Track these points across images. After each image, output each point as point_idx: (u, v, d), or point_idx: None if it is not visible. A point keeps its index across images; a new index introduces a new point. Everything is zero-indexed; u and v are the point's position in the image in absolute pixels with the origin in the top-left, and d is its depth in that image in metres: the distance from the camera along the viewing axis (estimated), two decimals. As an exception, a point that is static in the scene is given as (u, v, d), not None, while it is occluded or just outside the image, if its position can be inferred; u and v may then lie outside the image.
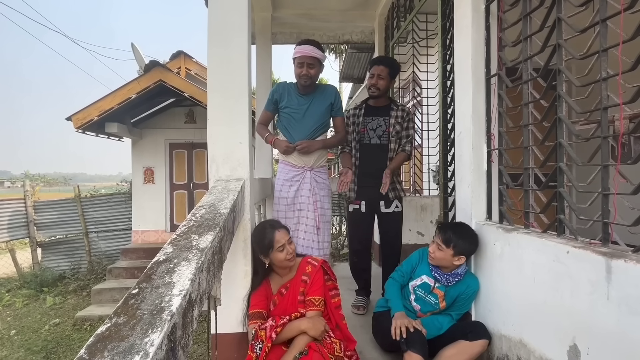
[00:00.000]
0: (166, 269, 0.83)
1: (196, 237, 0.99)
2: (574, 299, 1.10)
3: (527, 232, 1.37)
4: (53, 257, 6.70)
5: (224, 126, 1.57)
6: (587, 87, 1.20)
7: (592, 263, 1.03)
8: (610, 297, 0.97)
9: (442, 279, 1.60)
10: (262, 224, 1.61)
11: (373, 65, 2.33)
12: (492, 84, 1.67)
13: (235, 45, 1.58)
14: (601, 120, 1.09)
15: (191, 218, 1.14)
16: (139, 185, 5.81)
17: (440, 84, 2.21)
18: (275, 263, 1.55)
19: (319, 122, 2.08)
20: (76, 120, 4.33)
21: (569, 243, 1.15)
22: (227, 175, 1.58)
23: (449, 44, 2.09)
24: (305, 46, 1.96)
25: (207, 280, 0.92)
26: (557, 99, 1.28)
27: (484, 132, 1.70)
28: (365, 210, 2.33)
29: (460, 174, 1.82)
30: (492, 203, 1.68)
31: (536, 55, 1.41)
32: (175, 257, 0.88)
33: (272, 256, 1.53)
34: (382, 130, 2.31)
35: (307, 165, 2.07)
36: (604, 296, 0.99)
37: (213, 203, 1.27)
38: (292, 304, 1.55)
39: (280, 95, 2.06)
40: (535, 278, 1.27)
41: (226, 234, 1.17)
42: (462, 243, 1.55)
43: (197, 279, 0.83)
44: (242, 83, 1.59)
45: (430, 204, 3.51)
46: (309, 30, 4.08)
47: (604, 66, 1.08)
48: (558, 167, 1.27)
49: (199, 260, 0.87)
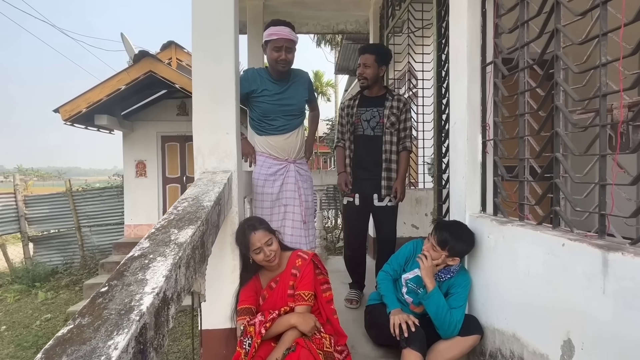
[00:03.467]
0: (140, 265, 0.78)
1: (175, 231, 0.94)
2: (569, 292, 1.07)
3: (522, 225, 1.33)
4: (45, 251, 6.62)
5: (210, 116, 1.51)
6: (585, 75, 1.15)
7: (588, 256, 1.00)
8: (607, 291, 0.94)
9: (435, 274, 1.57)
10: (242, 223, 1.55)
11: (359, 55, 2.26)
12: (488, 72, 1.62)
13: (222, 32, 1.51)
14: (600, 108, 1.05)
15: (172, 211, 1.08)
16: (131, 179, 5.73)
17: (435, 73, 2.15)
18: (257, 262, 1.51)
19: (297, 107, 2.00)
20: (64, 112, 4.22)
21: (565, 235, 1.12)
22: (213, 167, 1.52)
23: (444, 31, 2.03)
24: (282, 27, 1.81)
25: (187, 276, 0.88)
26: (554, 86, 1.23)
27: (479, 122, 1.65)
28: (359, 203, 2.29)
29: (454, 165, 1.78)
30: (487, 195, 1.64)
31: (533, 42, 1.36)
32: (151, 252, 0.83)
33: (251, 256, 1.49)
34: (375, 122, 2.25)
35: (291, 157, 2.00)
36: (600, 290, 0.96)
37: (197, 196, 1.21)
38: (281, 298, 1.52)
39: (254, 84, 1.88)
40: (529, 271, 1.24)
41: (210, 228, 1.12)
42: (459, 245, 1.51)
43: (174, 275, 0.78)
44: (229, 72, 1.52)
45: (425, 197, 3.48)
46: (302, 19, 3.99)
47: (604, 51, 1.04)
48: (554, 157, 1.23)
49: (176, 255, 0.82)
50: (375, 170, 2.25)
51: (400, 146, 2.29)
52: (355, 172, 2.30)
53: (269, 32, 1.83)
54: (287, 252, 1.61)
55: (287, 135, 1.97)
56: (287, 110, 1.95)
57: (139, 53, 4.20)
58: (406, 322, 1.46)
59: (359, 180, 2.29)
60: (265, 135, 1.96)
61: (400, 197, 2.26)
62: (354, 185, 2.29)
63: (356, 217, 2.34)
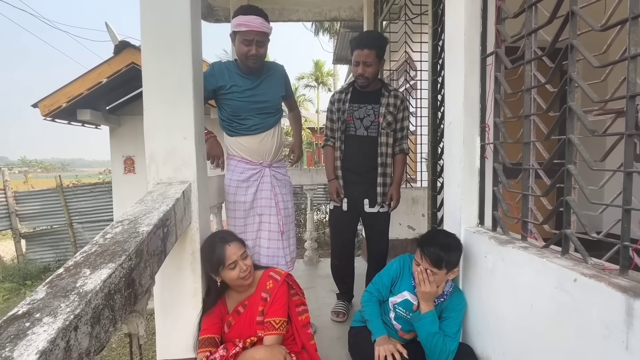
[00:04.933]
0: (16, 332, 0.59)
1: (87, 272, 0.75)
2: (581, 340, 0.87)
3: (525, 247, 1.13)
4: (38, 248, 6.52)
5: (164, 118, 1.30)
6: (604, 69, 0.93)
7: (607, 299, 0.80)
8: (631, 347, 0.75)
9: None
10: (210, 236, 1.36)
11: (355, 50, 1.91)
12: (488, 65, 1.39)
13: (175, 17, 1.29)
14: (626, 112, 0.83)
15: (98, 240, 0.89)
16: (119, 176, 5.54)
17: (430, 65, 1.92)
18: (228, 282, 1.32)
19: (272, 104, 1.76)
20: (43, 107, 4.01)
21: (577, 267, 0.91)
22: (168, 177, 1.32)
23: (441, 16, 1.79)
24: (253, 17, 1.58)
25: (94, 334, 0.69)
26: (568, 83, 1.01)
27: (478, 122, 1.44)
28: (347, 208, 2.09)
29: (449, 171, 1.57)
30: (485, 206, 1.43)
31: (543, 28, 1.13)
32: (40, 308, 0.64)
33: (223, 274, 1.30)
34: (370, 121, 2.00)
35: (266, 160, 1.78)
36: (622, 344, 0.76)
37: (136, 217, 1.02)
38: (249, 325, 1.34)
39: (221, 79, 1.68)
40: (532, 305, 1.05)
41: (146, 259, 0.93)
42: (454, 256, 1.32)
43: (63, 343, 0.60)
44: (185, 66, 1.31)
45: (422, 197, 3.28)
46: (292, 6, 3.71)
47: (634, 39, 0.81)
48: (566, 170, 1.02)
49: (71, 313, 0.63)
50: (368, 174, 2.04)
51: (397, 148, 2.06)
52: (345, 175, 2.08)
53: (238, 22, 1.59)
54: (259, 270, 1.43)
55: (261, 135, 1.76)
56: (260, 107, 1.73)
57: (120, 43, 3.96)
58: (392, 354, 1.28)
59: (348, 184, 2.07)
60: (237, 135, 1.75)
61: (395, 204, 2.06)
62: (343, 189, 2.09)
63: (344, 224, 2.14)
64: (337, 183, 2.07)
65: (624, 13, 0.85)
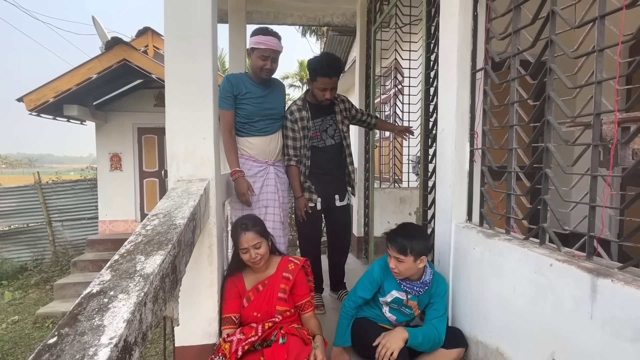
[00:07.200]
0: (98, 306, 0.68)
1: (142, 259, 0.85)
2: (556, 314, 1.05)
3: (509, 239, 1.31)
4: (13, 247, 6.27)
5: (185, 121, 1.40)
6: (576, 87, 1.12)
7: (576, 279, 0.98)
8: (594, 317, 0.93)
9: (413, 291, 1.53)
10: (238, 219, 1.55)
11: (323, 77, 2.00)
12: (478, 79, 1.57)
13: (197, 27, 1.39)
14: (593, 127, 1.02)
15: (140, 231, 0.99)
16: (105, 173, 5.45)
17: (423, 75, 2.09)
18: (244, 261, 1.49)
19: (278, 111, 2.03)
20: (29, 101, 3.90)
21: (552, 255, 1.10)
22: (189, 175, 1.42)
23: (434, 32, 1.96)
24: (271, 38, 1.85)
25: (154, 310, 0.79)
26: (547, 100, 1.20)
27: (467, 130, 1.61)
28: (320, 207, 2.22)
29: (441, 173, 1.74)
30: (473, 204, 1.61)
31: (526, 51, 1.32)
32: (112, 287, 0.74)
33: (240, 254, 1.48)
34: (333, 130, 2.21)
35: (271, 159, 2.01)
36: (587, 315, 0.94)
37: (169, 211, 1.12)
38: (268, 301, 1.49)
39: (238, 88, 1.91)
40: (515, 288, 1.22)
41: (183, 249, 1.03)
42: (417, 244, 1.46)
43: (138, 315, 0.70)
44: (206, 72, 1.41)
45: (409, 196, 3.47)
46: (287, 10, 3.82)
47: (600, 67, 1.00)
48: (544, 174, 1.20)
49: (141, 291, 0.73)
50: (338, 173, 2.28)
51: (373, 120, 2.40)
52: (319, 177, 2.20)
53: (258, 40, 1.84)
54: (276, 256, 1.60)
55: (269, 137, 1.97)
56: (269, 113, 1.96)
57: (112, 40, 3.92)
58: None
59: (322, 183, 2.21)
60: (247, 136, 1.94)
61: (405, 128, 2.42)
62: (317, 189, 2.20)
63: (313, 222, 2.22)
64: (304, 200, 2.14)
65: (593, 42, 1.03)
